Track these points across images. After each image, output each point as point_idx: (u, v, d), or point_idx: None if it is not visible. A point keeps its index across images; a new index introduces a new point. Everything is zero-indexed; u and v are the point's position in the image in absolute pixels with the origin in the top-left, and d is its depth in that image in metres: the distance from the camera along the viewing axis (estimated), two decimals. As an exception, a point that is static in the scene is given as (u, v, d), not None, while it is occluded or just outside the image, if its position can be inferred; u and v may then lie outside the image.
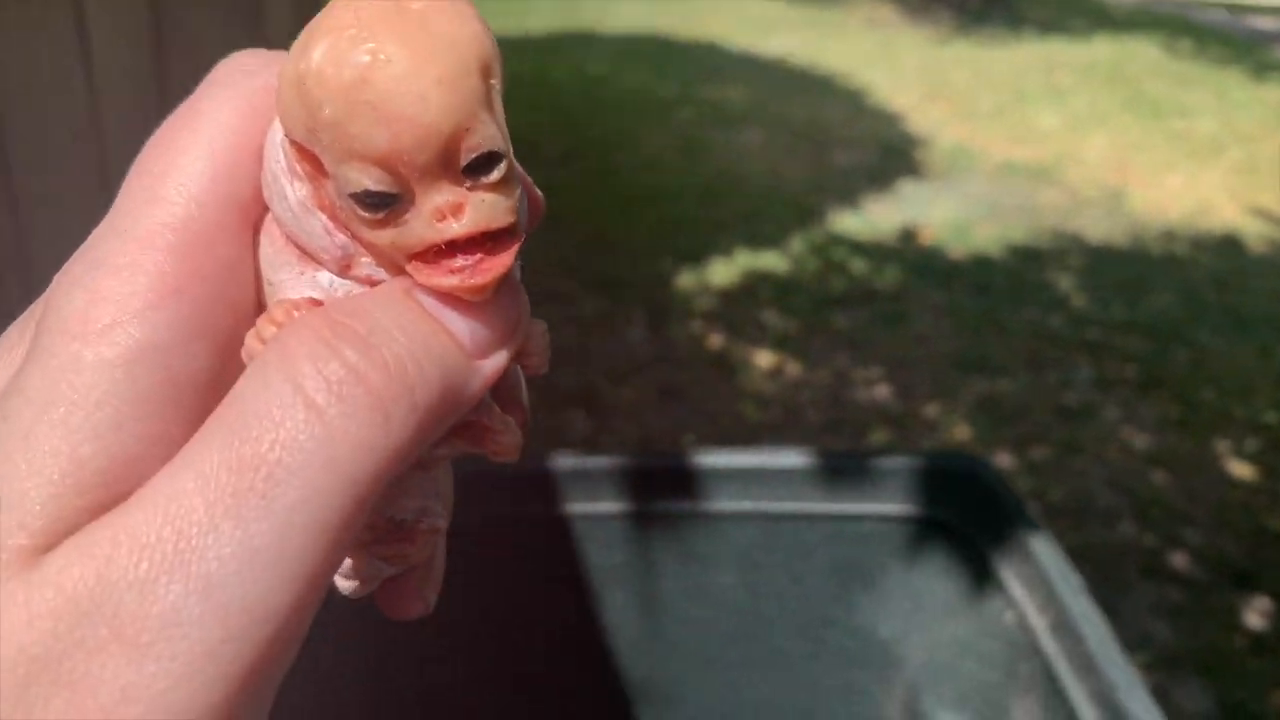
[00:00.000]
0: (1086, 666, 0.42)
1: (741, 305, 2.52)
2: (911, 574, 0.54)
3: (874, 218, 3.11)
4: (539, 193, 0.22)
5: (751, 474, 0.54)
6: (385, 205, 0.17)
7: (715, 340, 2.35)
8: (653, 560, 0.56)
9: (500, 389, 0.21)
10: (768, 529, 0.54)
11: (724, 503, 0.54)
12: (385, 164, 0.17)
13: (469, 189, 0.17)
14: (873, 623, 0.55)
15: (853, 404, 2.11)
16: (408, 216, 0.17)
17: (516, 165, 0.19)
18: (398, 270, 0.19)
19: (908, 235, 2.97)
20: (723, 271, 2.69)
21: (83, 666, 0.16)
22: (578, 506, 0.55)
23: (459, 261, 0.18)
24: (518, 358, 0.20)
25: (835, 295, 2.58)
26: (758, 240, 2.89)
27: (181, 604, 0.16)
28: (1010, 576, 0.49)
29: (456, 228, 0.17)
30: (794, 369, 2.23)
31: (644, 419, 2.03)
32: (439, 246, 0.18)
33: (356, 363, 0.17)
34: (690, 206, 3.16)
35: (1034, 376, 2.23)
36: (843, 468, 0.54)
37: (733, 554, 0.55)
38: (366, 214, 0.17)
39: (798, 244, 2.88)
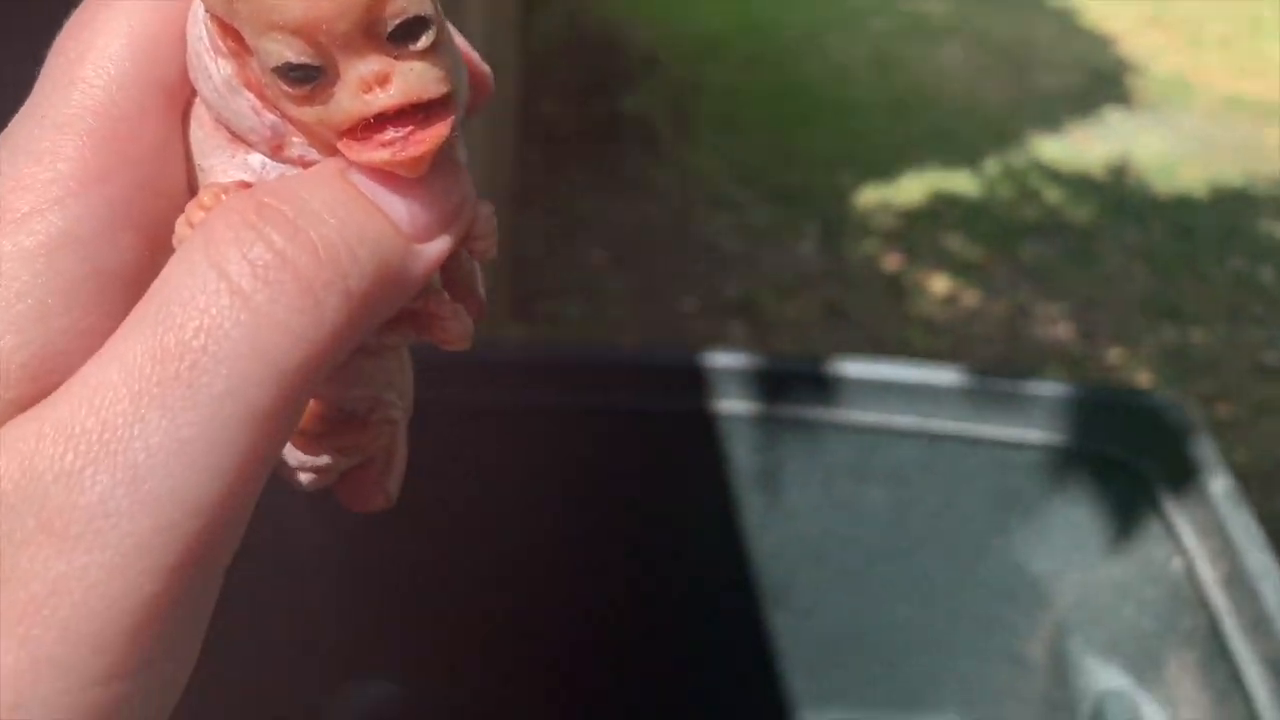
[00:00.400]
0: (1261, 627, 0.39)
1: (923, 227, 2.43)
2: (1074, 509, 0.51)
3: (1075, 147, 2.93)
4: (485, 67, 0.20)
5: (914, 389, 0.52)
6: (309, 79, 0.16)
7: (890, 261, 2.28)
8: (797, 468, 0.55)
9: (451, 275, 0.21)
10: (927, 448, 0.52)
11: (881, 416, 0.53)
12: (305, 33, 0.16)
13: (396, 58, 0.17)
14: (1027, 556, 0.52)
15: (1029, 340, 2.02)
16: (334, 90, 0.17)
17: (454, 33, 0.18)
18: (331, 150, 0.18)
19: (1110, 168, 2.79)
20: (907, 190, 2.59)
21: (11, 560, 0.15)
22: (725, 405, 0.54)
23: (389, 134, 0.17)
24: (464, 242, 0.19)
25: (1025, 224, 2.46)
26: (948, 160, 2.76)
27: (109, 495, 0.15)
28: (1182, 521, 0.45)
29: (384, 99, 0.17)
30: (971, 298, 2.14)
31: (806, 335, 2.00)
32: (368, 120, 0.17)
33: (283, 247, 0.16)
34: (878, 121, 3.05)
35: (1232, 330, 2.08)
36: (1012, 393, 0.51)
37: (885, 470, 0.54)
38: (291, 89, 0.17)
39: (991, 167, 2.74)
